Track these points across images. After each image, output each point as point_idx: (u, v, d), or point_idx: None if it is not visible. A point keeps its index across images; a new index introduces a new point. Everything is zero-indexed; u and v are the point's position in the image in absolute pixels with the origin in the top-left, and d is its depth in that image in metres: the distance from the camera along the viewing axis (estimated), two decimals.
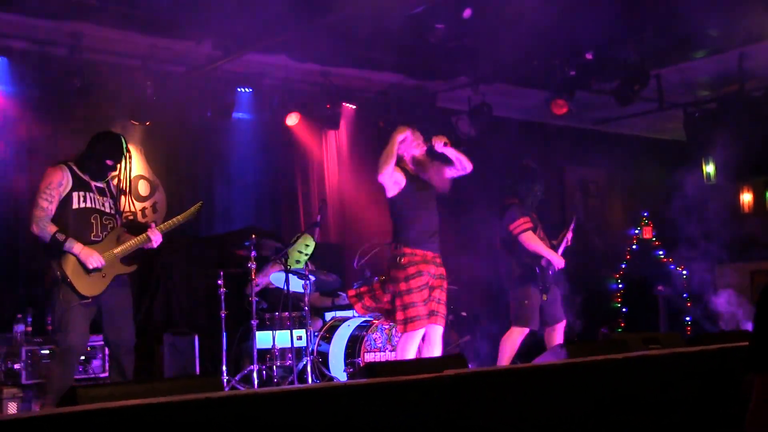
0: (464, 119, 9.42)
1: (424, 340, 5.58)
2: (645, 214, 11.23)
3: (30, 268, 7.31)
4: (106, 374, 6.31)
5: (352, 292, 5.82)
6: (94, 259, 4.92)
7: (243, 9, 6.66)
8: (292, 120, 8.85)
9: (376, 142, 9.67)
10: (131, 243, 5.15)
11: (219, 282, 6.70)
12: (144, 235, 5.19)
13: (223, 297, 6.67)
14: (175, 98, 8.02)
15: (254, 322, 6.59)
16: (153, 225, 5.24)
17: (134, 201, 7.89)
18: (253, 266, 6.60)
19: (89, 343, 5.90)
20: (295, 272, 6.81)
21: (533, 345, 7.06)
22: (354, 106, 9.58)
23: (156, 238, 5.19)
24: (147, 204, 8.31)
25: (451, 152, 5.63)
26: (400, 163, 5.63)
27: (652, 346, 4.16)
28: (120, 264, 5.10)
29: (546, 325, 6.68)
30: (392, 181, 5.55)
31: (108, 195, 5.20)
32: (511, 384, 2.98)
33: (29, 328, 6.56)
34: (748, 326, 8.48)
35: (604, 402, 3.14)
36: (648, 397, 3.28)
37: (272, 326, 6.94)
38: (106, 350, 5.94)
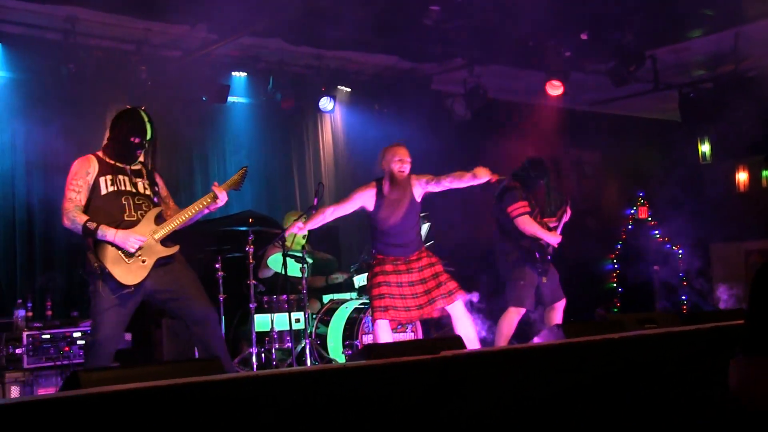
0: (459, 101, 9.42)
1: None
2: (640, 194, 11.25)
3: (29, 254, 7.34)
4: None
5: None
6: (132, 240, 4.57)
7: None
8: (287, 103, 8.83)
9: (371, 125, 9.72)
10: (190, 210, 4.80)
11: (217, 266, 6.72)
12: (208, 195, 4.80)
13: (221, 281, 6.69)
14: (170, 83, 8.00)
15: (252, 306, 6.61)
16: (216, 183, 4.89)
17: None
18: (251, 250, 6.61)
19: None
20: (293, 255, 6.82)
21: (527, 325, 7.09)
22: (349, 89, 9.57)
23: (222, 196, 4.81)
24: None
25: None
26: None
27: (648, 325, 4.18)
28: (160, 247, 4.71)
29: (546, 304, 6.72)
30: None
31: (144, 176, 4.87)
32: (508, 364, 3.00)
33: (30, 314, 6.57)
34: (743, 305, 8.53)
35: (601, 381, 3.17)
36: (644, 376, 3.31)
37: (270, 309, 6.96)
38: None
